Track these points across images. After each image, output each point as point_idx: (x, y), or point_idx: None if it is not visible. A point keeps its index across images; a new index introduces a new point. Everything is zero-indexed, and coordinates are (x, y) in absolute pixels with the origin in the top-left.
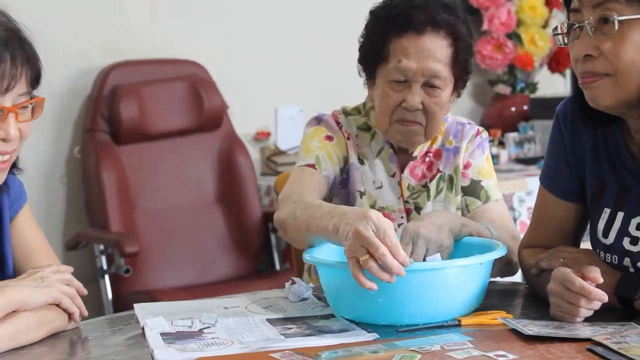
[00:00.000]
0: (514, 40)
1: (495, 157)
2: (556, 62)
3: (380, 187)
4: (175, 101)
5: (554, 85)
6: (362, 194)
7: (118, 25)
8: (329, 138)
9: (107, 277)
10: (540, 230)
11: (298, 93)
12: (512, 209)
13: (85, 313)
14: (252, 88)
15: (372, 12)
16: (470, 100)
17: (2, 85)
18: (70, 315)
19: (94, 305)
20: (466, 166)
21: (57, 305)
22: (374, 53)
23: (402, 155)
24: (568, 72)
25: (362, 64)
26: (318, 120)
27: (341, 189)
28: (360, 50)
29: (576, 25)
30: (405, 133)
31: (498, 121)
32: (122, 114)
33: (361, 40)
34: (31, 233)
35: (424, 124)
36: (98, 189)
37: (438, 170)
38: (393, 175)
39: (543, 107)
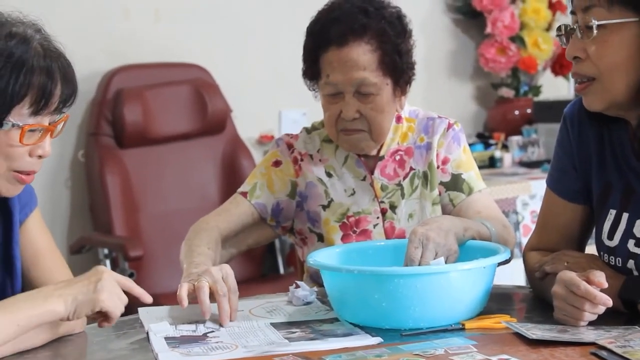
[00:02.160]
0: (517, 44)
1: (499, 161)
2: (560, 65)
3: (353, 194)
4: (179, 105)
5: (557, 88)
6: (325, 207)
7: (122, 29)
8: (277, 164)
9: None
10: (546, 233)
11: (302, 96)
12: (515, 212)
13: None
14: (256, 91)
15: (306, 30)
16: (473, 103)
17: (49, 107)
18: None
19: None
20: (444, 161)
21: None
22: (309, 70)
23: (368, 158)
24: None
25: (304, 79)
26: (277, 143)
27: (300, 212)
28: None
29: (569, 28)
30: (350, 142)
31: (501, 124)
32: (126, 118)
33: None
34: (40, 237)
35: (366, 129)
36: (102, 192)
37: (411, 168)
38: (364, 179)
39: (546, 111)
